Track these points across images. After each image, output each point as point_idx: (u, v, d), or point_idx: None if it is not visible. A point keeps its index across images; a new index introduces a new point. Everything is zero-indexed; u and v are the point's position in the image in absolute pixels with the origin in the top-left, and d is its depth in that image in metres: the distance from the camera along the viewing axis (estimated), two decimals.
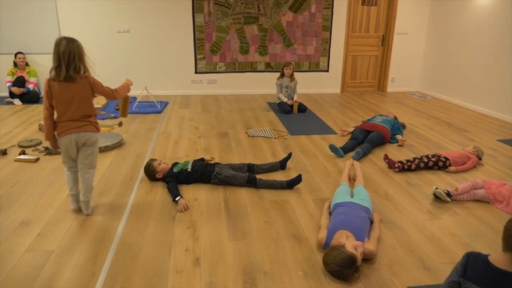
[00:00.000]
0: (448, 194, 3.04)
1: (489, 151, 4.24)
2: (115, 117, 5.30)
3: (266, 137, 4.61)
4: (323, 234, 2.37)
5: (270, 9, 6.67)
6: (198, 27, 6.58)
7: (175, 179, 3.19)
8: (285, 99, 5.82)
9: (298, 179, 3.20)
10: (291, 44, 6.95)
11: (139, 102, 5.97)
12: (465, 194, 3.08)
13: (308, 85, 7.19)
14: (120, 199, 3.00)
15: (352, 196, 2.86)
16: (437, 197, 3.08)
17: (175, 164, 3.40)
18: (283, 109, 5.74)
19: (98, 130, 2.67)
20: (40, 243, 2.40)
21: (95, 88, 2.59)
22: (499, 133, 4.91)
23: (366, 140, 4.22)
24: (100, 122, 5.01)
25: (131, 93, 3.21)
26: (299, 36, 6.92)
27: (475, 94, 6.14)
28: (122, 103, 2.95)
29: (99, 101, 5.86)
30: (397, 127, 4.71)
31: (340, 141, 4.51)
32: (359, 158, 3.89)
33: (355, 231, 2.31)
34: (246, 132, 4.76)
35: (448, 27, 6.69)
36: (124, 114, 2.98)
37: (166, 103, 6.17)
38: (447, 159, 3.69)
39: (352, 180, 3.35)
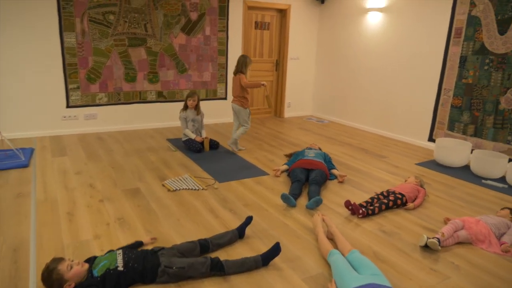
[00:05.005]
0: (439, 242, 2.72)
1: (409, 175, 4.22)
2: None
3: (191, 189, 3.66)
4: None
5: (159, 30, 5.70)
6: (69, 49, 5.14)
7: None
8: (193, 136, 4.93)
9: (276, 250, 2.43)
10: (185, 70, 6.09)
11: None
12: (450, 238, 2.81)
13: (207, 115, 6.40)
14: None
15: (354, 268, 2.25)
16: (426, 246, 2.73)
17: (93, 260, 2.21)
18: (193, 147, 4.83)
19: (243, 106, 4.76)
20: None
21: (240, 80, 4.65)
22: (412, 156, 5.06)
23: (311, 182, 3.69)
24: None
25: None
26: (193, 61, 6.12)
27: (368, 117, 6.38)
28: (267, 100, 4.79)
29: None
30: (329, 160, 4.36)
31: (276, 183, 3.90)
32: (317, 207, 3.33)
33: None
34: (163, 185, 3.71)
35: (333, 52, 6.87)
36: (270, 105, 4.74)
37: (32, 150, 4.53)
38: (403, 195, 3.44)
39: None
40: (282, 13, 6.86)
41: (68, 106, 5.34)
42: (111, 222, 2.93)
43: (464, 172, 4.47)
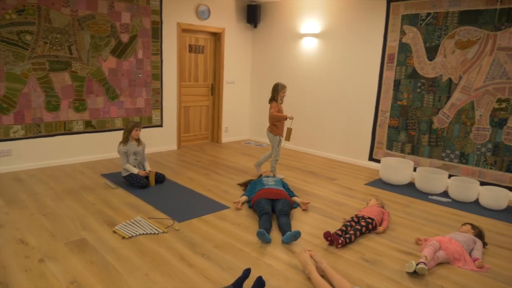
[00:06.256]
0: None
1: (370, 198, 4.31)
2: None
3: (149, 233, 3.20)
4: None
5: (86, 53, 5.08)
6: None
7: None
8: (135, 170, 4.41)
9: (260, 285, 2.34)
10: (117, 96, 5.51)
11: None
12: (432, 261, 2.83)
13: None
14: None
15: None
16: (414, 272, 2.71)
17: None
18: (136, 183, 4.31)
19: (272, 132, 4.79)
20: None
21: (270, 109, 4.72)
22: (359, 177, 5.19)
23: (280, 213, 3.50)
24: None
25: None
26: (125, 86, 5.58)
27: (308, 139, 6.48)
28: (287, 131, 4.78)
29: None
30: (287, 188, 4.23)
31: (240, 217, 3.63)
32: (295, 241, 3.14)
33: None
34: (115, 232, 3.18)
35: (267, 75, 6.90)
36: (287, 139, 4.81)
37: None
38: (372, 219, 3.44)
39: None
40: (217, 37, 6.70)
41: None
42: None
43: (410, 189, 4.70)
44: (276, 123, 4.77)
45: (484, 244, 3.21)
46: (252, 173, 5.12)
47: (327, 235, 3.11)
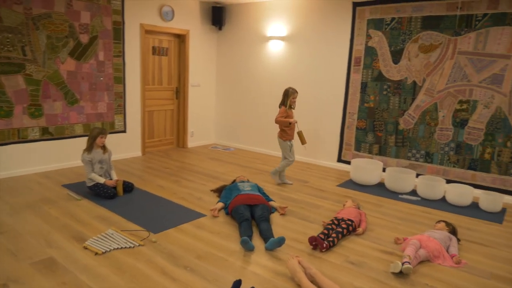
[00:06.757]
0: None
1: (345, 200, 4.36)
2: None
3: (124, 247, 2.99)
4: None
5: (42, 54, 4.71)
6: None
7: None
8: (102, 180, 4.13)
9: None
10: (76, 101, 5.16)
11: None
12: (414, 260, 2.88)
13: None
14: None
15: None
16: (399, 272, 2.74)
17: None
18: (103, 194, 4.04)
19: (282, 138, 4.72)
20: None
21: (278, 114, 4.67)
22: (330, 179, 5.24)
23: (260, 219, 3.42)
24: None
25: None
26: (86, 90, 5.24)
27: (275, 142, 6.45)
28: (299, 136, 4.68)
29: None
30: (263, 192, 4.17)
31: (217, 224, 3.52)
32: (279, 247, 3.07)
33: None
34: (86, 247, 2.94)
35: (233, 78, 6.83)
36: (304, 142, 4.70)
37: None
38: (352, 221, 3.46)
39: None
40: (181, 39, 6.51)
41: None
42: None
43: (381, 189, 4.81)
44: (285, 128, 4.68)
45: (458, 240, 3.33)
46: (224, 178, 5.00)
47: (312, 240, 3.08)
